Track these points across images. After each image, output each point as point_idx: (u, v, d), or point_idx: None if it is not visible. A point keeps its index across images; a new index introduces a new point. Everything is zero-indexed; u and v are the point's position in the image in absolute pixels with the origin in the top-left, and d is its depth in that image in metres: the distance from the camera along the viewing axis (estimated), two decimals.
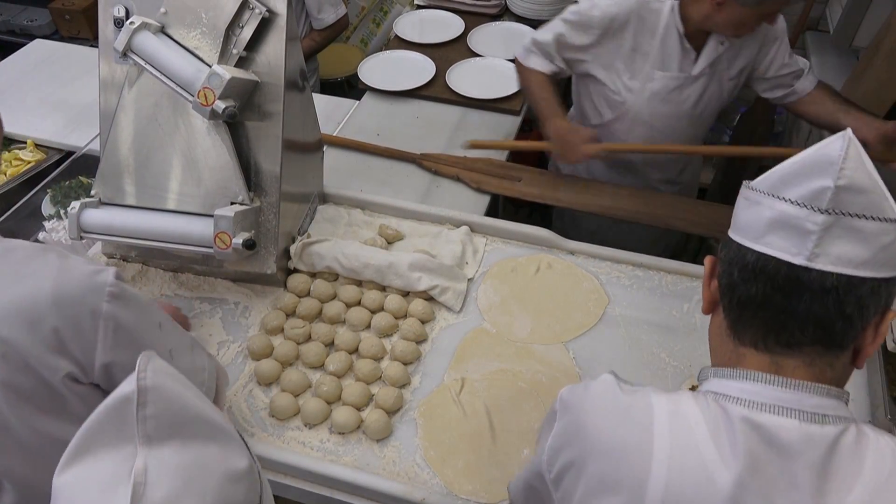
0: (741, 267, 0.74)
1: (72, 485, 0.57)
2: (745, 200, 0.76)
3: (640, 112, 1.80)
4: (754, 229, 0.73)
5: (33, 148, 2.09)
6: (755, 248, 0.73)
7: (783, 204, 0.70)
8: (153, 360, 0.61)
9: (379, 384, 1.37)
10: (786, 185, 0.71)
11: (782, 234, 0.70)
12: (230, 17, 1.33)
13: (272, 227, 1.45)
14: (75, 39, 3.45)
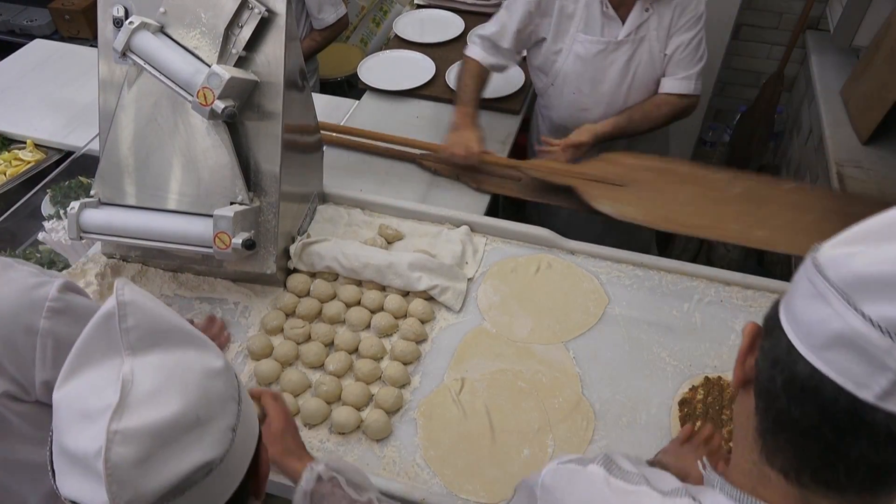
0: (788, 378, 0.58)
1: (69, 395, 0.66)
2: (810, 286, 0.58)
3: (567, 75, 1.89)
4: (815, 334, 0.56)
5: (33, 148, 2.09)
6: (811, 361, 0.56)
7: (859, 320, 0.53)
8: (128, 282, 0.69)
9: (379, 384, 1.37)
10: (869, 292, 0.53)
11: (850, 356, 0.54)
12: (229, 17, 1.33)
13: (272, 226, 1.45)
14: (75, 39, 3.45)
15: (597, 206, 1.70)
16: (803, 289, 0.59)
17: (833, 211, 1.65)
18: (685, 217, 1.65)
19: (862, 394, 0.53)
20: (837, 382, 0.54)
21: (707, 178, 1.75)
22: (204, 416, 0.66)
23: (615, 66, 1.84)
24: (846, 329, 0.54)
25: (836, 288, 0.55)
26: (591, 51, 1.82)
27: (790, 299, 0.61)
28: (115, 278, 1.54)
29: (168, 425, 0.63)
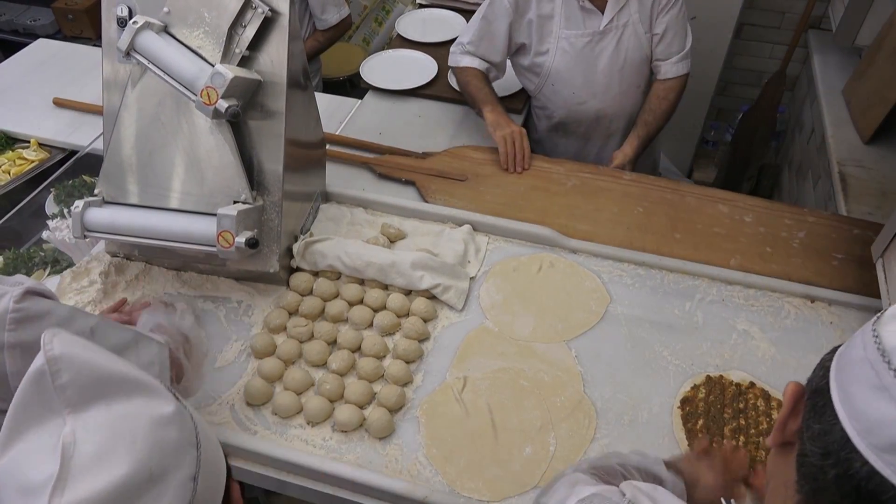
0: (842, 474, 0.52)
1: (6, 469, 0.59)
2: (874, 375, 0.51)
3: (558, 72, 1.92)
4: (878, 435, 0.50)
5: (37, 147, 2.10)
6: (872, 463, 0.50)
7: None
8: (58, 333, 0.62)
9: (381, 382, 1.37)
10: None
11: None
12: (233, 17, 1.34)
13: (275, 225, 1.46)
14: (78, 39, 3.46)
15: (431, 200, 1.77)
16: (865, 375, 0.52)
17: (662, 202, 1.76)
18: (514, 211, 1.73)
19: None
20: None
21: (546, 171, 1.87)
22: (158, 471, 0.60)
23: (604, 55, 1.87)
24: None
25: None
26: (578, 45, 1.85)
27: (846, 382, 0.54)
28: (118, 277, 1.55)
29: (118, 490, 0.57)
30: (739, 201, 1.76)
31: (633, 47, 1.89)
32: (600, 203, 1.76)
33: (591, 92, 1.96)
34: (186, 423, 0.66)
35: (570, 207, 1.76)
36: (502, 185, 1.82)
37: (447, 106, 2.20)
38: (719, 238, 1.67)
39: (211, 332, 1.47)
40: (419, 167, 1.88)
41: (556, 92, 1.98)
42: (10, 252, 1.69)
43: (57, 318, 0.92)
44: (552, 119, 2.09)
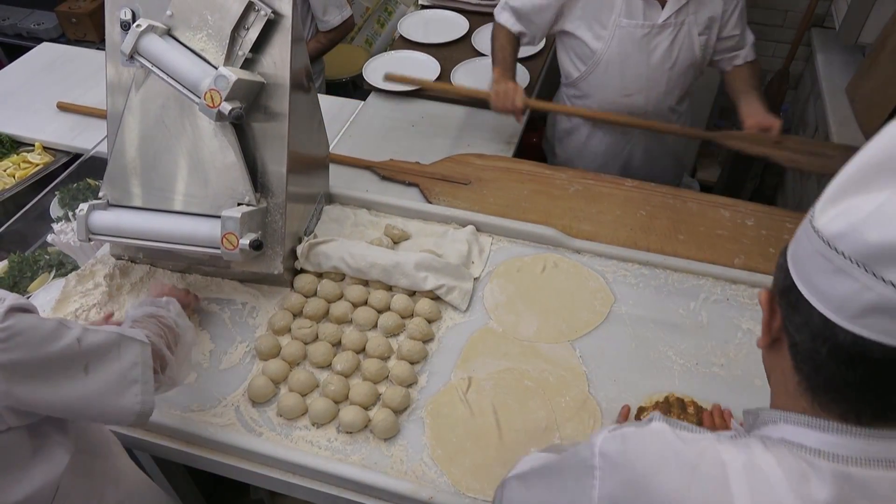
0: (833, 347, 0.62)
1: None
2: (825, 261, 0.61)
3: (610, 62, 1.89)
4: (848, 307, 0.59)
5: (41, 150, 2.11)
6: (851, 330, 0.59)
7: (889, 289, 0.57)
8: None
9: (386, 383, 1.37)
10: (891, 261, 0.56)
11: (888, 319, 0.58)
12: (236, 19, 1.34)
13: (279, 227, 1.46)
14: (81, 42, 3.47)
15: (434, 202, 1.79)
16: (820, 265, 0.61)
17: (664, 207, 1.77)
18: (517, 212, 1.75)
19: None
20: (883, 343, 0.58)
21: (548, 177, 1.88)
22: None
23: (659, 49, 1.85)
24: (878, 299, 0.57)
25: (857, 262, 0.58)
26: (636, 35, 1.83)
27: (807, 275, 0.63)
28: (123, 279, 1.55)
29: None
30: (741, 206, 1.77)
31: (685, 48, 1.87)
32: (603, 206, 1.77)
33: (638, 86, 1.93)
34: None
35: (573, 210, 1.76)
36: (505, 189, 1.82)
37: (450, 107, 2.20)
38: (722, 239, 1.67)
39: (215, 335, 1.47)
40: (422, 171, 1.89)
41: (604, 81, 1.95)
42: (16, 255, 1.69)
43: (42, 334, 0.91)
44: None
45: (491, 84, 1.90)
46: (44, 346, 0.92)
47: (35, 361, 0.90)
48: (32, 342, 0.90)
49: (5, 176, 2.02)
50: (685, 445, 0.68)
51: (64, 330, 0.96)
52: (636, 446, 0.69)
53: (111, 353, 1.01)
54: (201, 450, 1.29)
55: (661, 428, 0.69)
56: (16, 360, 0.88)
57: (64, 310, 1.48)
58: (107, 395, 1.00)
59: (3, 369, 0.86)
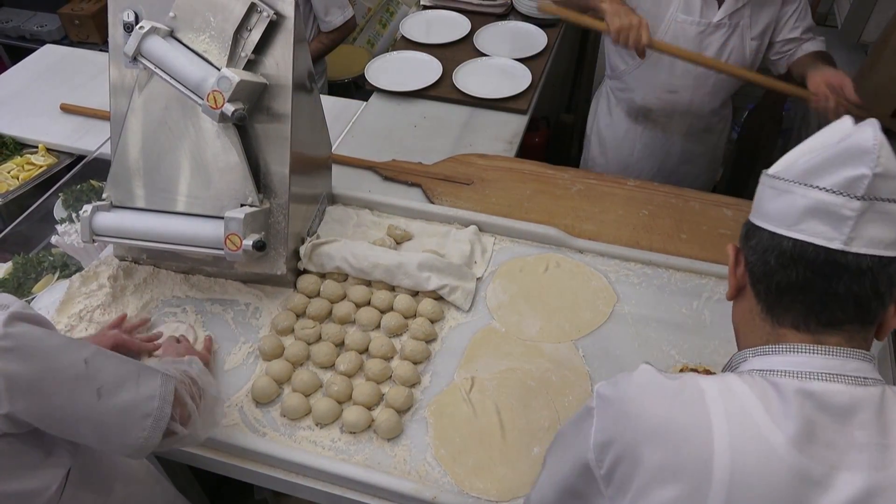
0: (778, 254, 0.76)
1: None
2: (772, 189, 0.79)
3: (660, 57, 1.84)
4: (788, 217, 0.75)
5: (45, 152, 2.11)
6: (791, 236, 0.75)
7: (818, 192, 0.73)
8: None
9: (389, 383, 1.37)
10: (818, 173, 0.73)
11: (818, 221, 0.73)
12: (238, 21, 1.35)
13: (282, 228, 1.46)
14: (84, 44, 3.48)
15: (437, 202, 1.79)
16: (768, 195, 0.79)
17: (666, 206, 1.76)
18: (520, 212, 1.75)
19: (833, 245, 0.72)
20: (815, 243, 0.73)
21: (551, 177, 1.87)
22: None
23: (710, 49, 1.84)
24: (810, 202, 0.74)
25: (795, 181, 0.76)
26: (690, 32, 1.82)
27: (758, 208, 0.81)
28: (127, 281, 1.55)
29: None
30: (743, 205, 1.76)
31: (737, 51, 1.86)
32: (605, 206, 1.77)
33: (685, 83, 1.92)
34: None
35: (576, 210, 1.76)
36: (507, 189, 1.82)
37: (452, 107, 2.20)
38: (725, 238, 1.66)
39: (219, 335, 1.47)
40: (425, 171, 1.89)
41: (652, 76, 1.94)
42: (20, 257, 1.70)
43: (45, 349, 0.90)
44: (633, 103, 2.05)
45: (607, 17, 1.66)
46: (47, 362, 0.89)
47: (36, 376, 0.88)
48: (35, 356, 0.88)
49: (9, 178, 2.02)
50: (668, 380, 0.79)
51: (72, 348, 0.93)
52: (625, 384, 0.80)
53: (128, 382, 0.98)
54: (205, 450, 1.29)
55: (647, 368, 0.81)
56: (14, 373, 0.85)
57: (68, 311, 1.49)
58: (115, 425, 0.97)
59: (4, 377, 0.84)
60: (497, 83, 2.25)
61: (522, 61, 2.34)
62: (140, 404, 0.99)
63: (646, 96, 1.99)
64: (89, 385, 0.93)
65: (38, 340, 0.89)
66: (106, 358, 0.98)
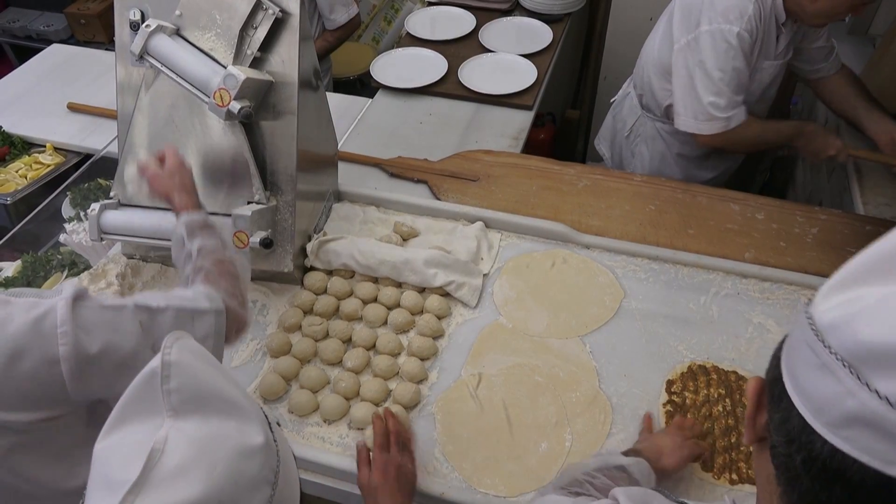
0: (807, 458, 0.52)
1: (107, 451, 0.62)
2: (812, 354, 0.52)
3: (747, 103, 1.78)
4: (828, 413, 0.50)
5: (52, 151, 2.12)
6: (829, 440, 0.50)
7: (875, 400, 0.47)
8: (181, 338, 0.66)
9: (396, 380, 1.38)
10: (880, 366, 0.47)
11: (871, 435, 0.48)
12: (244, 18, 1.35)
13: (288, 225, 1.47)
14: (90, 44, 3.49)
15: (443, 198, 1.78)
16: (806, 357, 0.53)
17: (673, 202, 1.74)
18: (526, 208, 1.74)
19: (891, 471, 0.47)
20: (862, 461, 0.48)
21: (557, 173, 1.86)
22: (227, 501, 0.60)
23: (776, 82, 1.84)
24: (862, 409, 0.48)
25: (843, 360, 0.49)
26: (773, 74, 1.79)
27: (793, 366, 0.55)
28: (135, 279, 1.56)
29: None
30: (751, 200, 1.76)
31: (779, 75, 1.83)
32: (612, 201, 1.76)
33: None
34: (270, 458, 0.66)
35: (582, 205, 1.76)
36: (514, 185, 1.82)
37: (458, 103, 2.20)
38: (732, 233, 1.66)
39: None
40: (431, 168, 1.89)
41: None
42: (28, 255, 1.71)
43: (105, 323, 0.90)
44: (691, 145, 1.97)
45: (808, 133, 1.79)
46: (117, 326, 0.91)
47: (111, 344, 0.89)
48: (104, 325, 0.89)
49: (17, 177, 2.04)
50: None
51: (126, 316, 0.93)
52: None
53: (184, 327, 0.97)
54: None
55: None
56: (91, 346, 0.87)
57: None
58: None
59: (75, 356, 0.86)
60: (502, 79, 2.24)
61: (528, 57, 2.33)
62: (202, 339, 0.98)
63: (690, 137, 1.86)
64: (146, 342, 0.94)
65: (97, 314, 0.90)
66: (159, 313, 0.97)
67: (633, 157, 2.17)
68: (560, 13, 2.59)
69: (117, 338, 0.91)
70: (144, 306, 0.96)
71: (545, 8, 2.60)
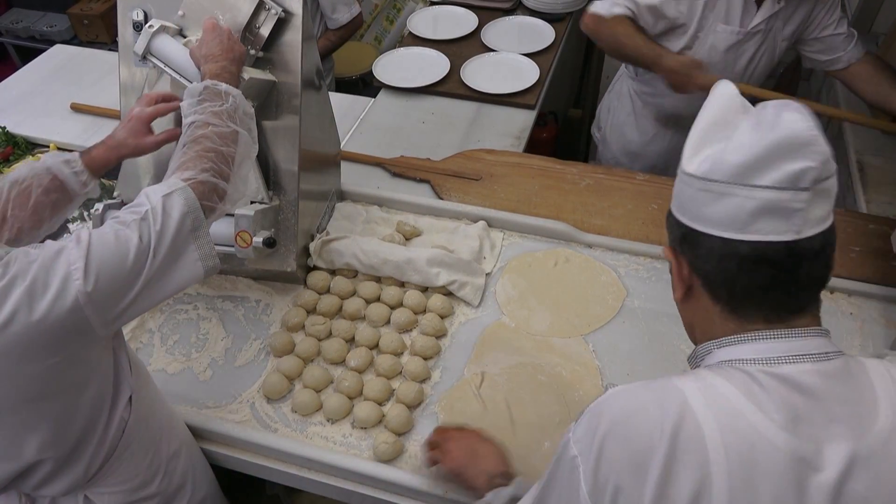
0: (738, 260, 0.74)
1: None
2: (707, 193, 0.76)
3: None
4: (737, 221, 0.74)
5: (56, 151, 2.12)
6: (747, 239, 0.73)
7: (763, 192, 0.72)
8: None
9: (399, 379, 1.38)
10: (757, 171, 0.72)
11: (769, 219, 0.72)
12: (247, 19, 1.35)
13: (291, 225, 1.47)
14: (93, 44, 3.50)
15: (445, 197, 1.79)
16: (703, 198, 0.76)
17: None
18: (528, 207, 1.74)
19: (788, 237, 0.72)
20: (772, 241, 0.72)
21: (559, 172, 1.86)
22: None
23: (744, 57, 1.82)
24: (757, 203, 0.72)
25: (733, 182, 0.73)
26: (728, 41, 1.79)
27: (696, 213, 0.78)
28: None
29: None
30: None
31: (768, 52, 1.83)
32: (614, 200, 1.76)
33: None
34: None
35: (585, 204, 1.76)
36: (516, 184, 1.82)
37: (460, 103, 2.20)
38: None
39: (230, 332, 1.48)
40: (433, 167, 1.89)
41: None
42: None
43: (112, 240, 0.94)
44: (662, 109, 2.02)
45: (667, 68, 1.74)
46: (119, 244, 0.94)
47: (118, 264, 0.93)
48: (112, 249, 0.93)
49: None
50: (644, 391, 0.76)
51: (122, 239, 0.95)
52: (600, 416, 0.75)
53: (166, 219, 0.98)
54: (217, 446, 1.30)
55: (614, 391, 0.78)
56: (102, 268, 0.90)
57: None
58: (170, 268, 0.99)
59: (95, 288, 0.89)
60: (505, 78, 2.24)
61: (530, 56, 2.33)
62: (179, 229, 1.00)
63: (678, 103, 1.92)
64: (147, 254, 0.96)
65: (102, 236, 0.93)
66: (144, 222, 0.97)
67: (608, 112, 2.23)
68: (562, 12, 2.59)
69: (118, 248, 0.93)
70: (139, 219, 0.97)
71: (547, 7, 2.60)
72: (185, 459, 1.23)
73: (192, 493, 1.25)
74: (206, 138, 1.09)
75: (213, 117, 1.11)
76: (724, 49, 1.79)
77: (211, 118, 1.11)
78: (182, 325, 1.51)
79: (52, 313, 0.86)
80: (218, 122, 1.11)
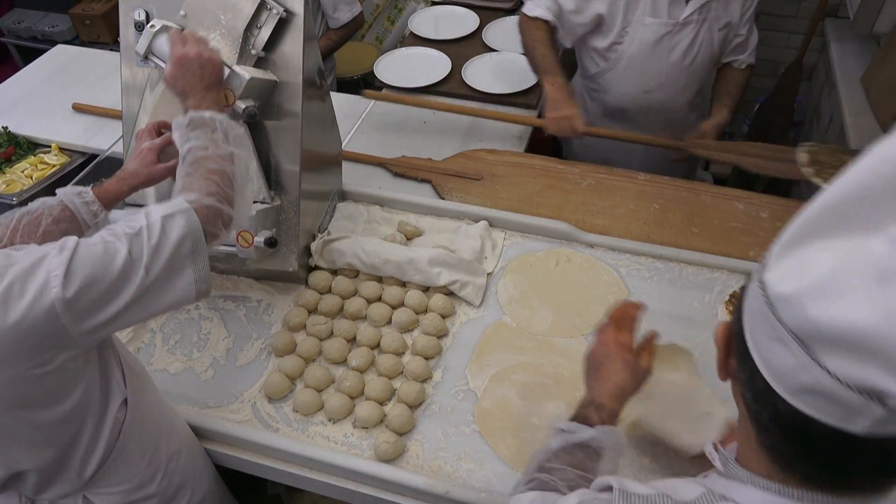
0: (773, 414, 0.57)
1: None
2: (769, 326, 0.55)
3: (631, 59, 1.88)
4: (787, 381, 0.54)
5: (58, 152, 2.13)
6: (791, 402, 0.54)
7: (826, 376, 0.51)
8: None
9: (401, 379, 1.38)
10: (827, 344, 0.51)
11: (827, 402, 0.52)
12: (248, 18, 1.35)
13: (293, 224, 1.47)
14: (95, 44, 3.50)
15: (447, 198, 1.79)
16: (764, 327, 0.56)
17: (677, 200, 1.76)
18: (530, 207, 1.74)
19: (849, 428, 0.52)
20: (820, 420, 0.53)
21: (561, 172, 1.87)
22: None
23: (679, 47, 1.85)
24: (815, 383, 0.51)
25: (795, 336, 0.52)
26: (658, 33, 1.82)
27: (754, 331, 0.58)
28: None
29: None
30: (755, 199, 1.76)
31: (706, 44, 1.86)
32: (616, 200, 1.76)
33: (658, 82, 1.93)
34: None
35: (586, 204, 1.76)
36: (517, 184, 1.82)
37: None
38: (737, 232, 1.66)
39: (232, 332, 1.48)
40: (434, 167, 1.89)
41: (623, 78, 1.96)
42: None
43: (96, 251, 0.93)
44: (607, 104, 2.06)
45: (544, 100, 1.84)
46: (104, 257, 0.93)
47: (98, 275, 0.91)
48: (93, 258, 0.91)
49: (23, 177, 2.04)
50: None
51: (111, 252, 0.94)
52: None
53: (163, 239, 0.98)
54: (219, 445, 1.30)
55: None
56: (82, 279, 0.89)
57: None
58: (163, 287, 0.98)
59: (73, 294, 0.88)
60: (506, 78, 2.24)
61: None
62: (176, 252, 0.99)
63: (620, 98, 2.00)
64: (138, 268, 0.95)
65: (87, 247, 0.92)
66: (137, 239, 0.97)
67: None
68: None
69: (103, 262, 0.92)
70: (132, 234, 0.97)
71: None
72: (186, 459, 1.23)
73: (192, 493, 1.25)
74: (208, 160, 1.10)
75: (209, 141, 1.12)
76: (654, 41, 1.83)
77: (208, 142, 1.12)
78: (183, 325, 1.51)
79: (28, 318, 0.85)
80: (214, 145, 1.12)
